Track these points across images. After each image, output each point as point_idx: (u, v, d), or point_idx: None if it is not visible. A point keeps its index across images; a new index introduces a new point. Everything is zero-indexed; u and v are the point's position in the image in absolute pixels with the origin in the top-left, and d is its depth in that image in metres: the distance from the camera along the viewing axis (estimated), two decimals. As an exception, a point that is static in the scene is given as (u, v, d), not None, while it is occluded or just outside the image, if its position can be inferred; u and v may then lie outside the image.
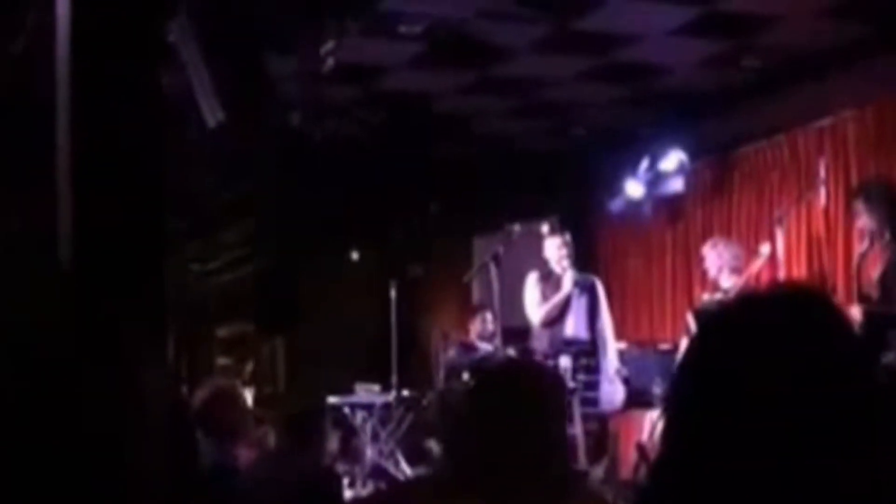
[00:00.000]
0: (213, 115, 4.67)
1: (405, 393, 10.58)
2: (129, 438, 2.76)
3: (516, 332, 9.43)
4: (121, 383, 2.79)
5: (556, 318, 8.88)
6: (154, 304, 3.13)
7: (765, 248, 8.22)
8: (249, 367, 12.33)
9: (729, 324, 1.48)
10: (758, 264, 8.31)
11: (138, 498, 2.78)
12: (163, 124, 3.54)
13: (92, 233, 3.11)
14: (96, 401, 2.69)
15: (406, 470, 10.00)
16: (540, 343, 8.95)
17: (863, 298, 6.79)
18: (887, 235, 6.89)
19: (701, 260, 8.86)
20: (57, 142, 3.16)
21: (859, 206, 7.11)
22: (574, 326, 8.84)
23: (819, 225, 9.08)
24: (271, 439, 6.87)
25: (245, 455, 5.77)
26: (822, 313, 1.44)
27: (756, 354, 1.40)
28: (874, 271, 6.88)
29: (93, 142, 3.27)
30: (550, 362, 8.45)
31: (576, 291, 8.87)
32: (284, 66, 7.42)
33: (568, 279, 8.87)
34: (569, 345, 8.74)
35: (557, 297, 8.86)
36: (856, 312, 6.68)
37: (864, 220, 7.05)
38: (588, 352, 8.73)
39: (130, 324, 2.92)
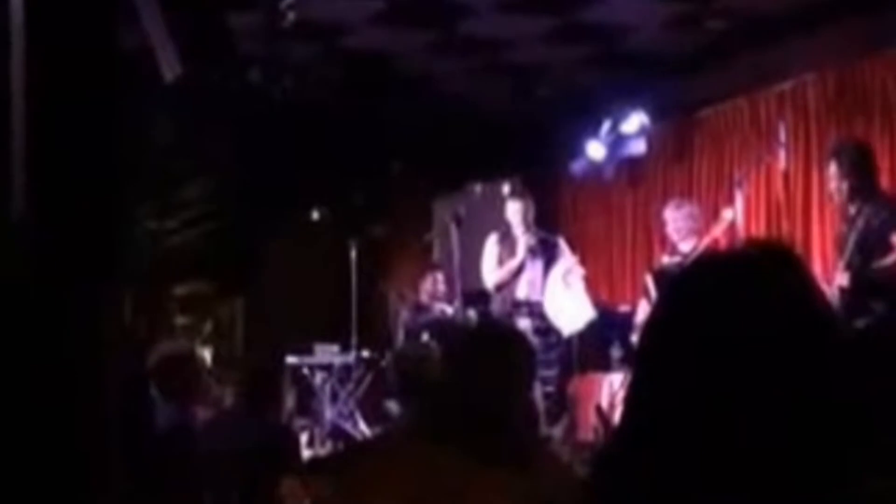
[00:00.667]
0: (170, 70, 4.59)
1: (364, 353, 10.57)
2: (83, 396, 2.72)
3: (477, 293, 9.42)
4: (75, 340, 2.75)
5: (508, 282, 8.88)
6: (109, 260, 3.09)
7: (728, 213, 8.20)
8: (208, 326, 12.27)
9: (693, 282, 1.47)
10: (720, 228, 8.30)
11: (94, 457, 2.75)
12: (120, 78, 3.48)
13: (47, 188, 3.06)
14: (49, 357, 2.65)
15: (365, 430, 10.01)
16: (495, 305, 8.96)
17: (848, 265, 6.76)
18: (860, 200, 6.82)
19: (662, 222, 8.87)
20: (10, 96, 3.10)
21: (834, 168, 7.00)
22: (527, 289, 8.82)
23: (778, 188, 9.11)
24: (229, 399, 6.84)
25: (202, 414, 5.75)
26: (787, 270, 1.43)
27: (720, 312, 1.39)
28: (850, 238, 6.81)
29: (49, 96, 3.21)
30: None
31: (529, 256, 8.84)
32: (245, 21, 7.33)
33: (521, 245, 8.84)
34: (519, 307, 8.73)
35: (510, 264, 8.85)
36: (843, 279, 6.68)
37: (838, 184, 6.94)
38: (541, 314, 8.71)
39: (85, 280, 2.87)
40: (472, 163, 11.14)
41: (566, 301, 8.70)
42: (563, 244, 9.07)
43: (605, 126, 10.14)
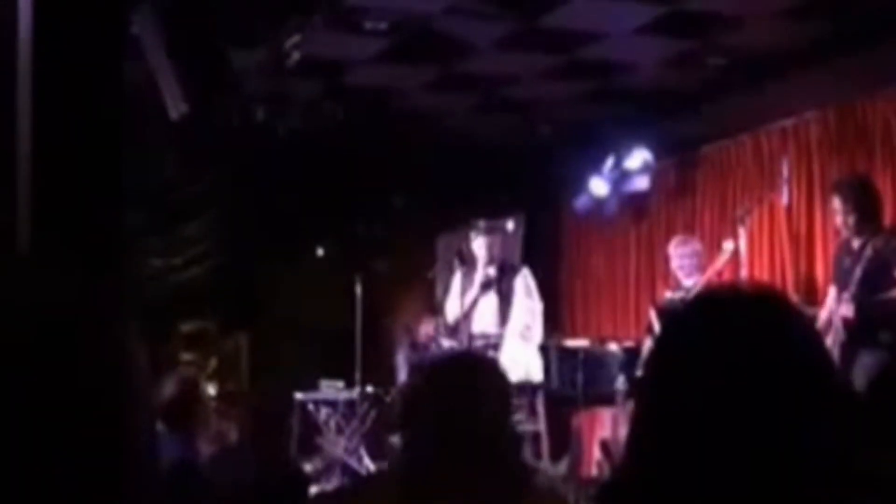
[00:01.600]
0: (176, 107, 4.64)
1: (369, 389, 10.55)
2: (81, 430, 2.74)
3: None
4: (77, 375, 2.77)
5: (464, 316, 8.85)
6: (112, 296, 3.11)
7: (728, 245, 8.24)
8: (213, 362, 12.27)
9: (689, 324, 1.49)
10: (721, 261, 8.33)
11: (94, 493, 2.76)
12: (125, 116, 3.51)
13: (50, 224, 3.09)
14: (49, 397, 2.67)
15: (370, 466, 9.98)
16: (457, 339, 8.93)
17: (854, 297, 6.83)
18: (868, 233, 6.92)
19: (665, 258, 8.89)
20: (17, 131, 3.14)
21: (838, 203, 7.11)
22: (480, 322, 8.79)
23: (781, 224, 9.14)
24: (234, 435, 6.85)
25: (206, 450, 5.75)
26: (782, 314, 1.46)
27: (715, 354, 1.41)
28: (857, 270, 6.90)
29: (54, 132, 3.24)
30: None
31: (483, 290, 8.80)
32: (249, 59, 7.40)
33: (477, 279, 8.81)
34: (475, 340, 8.71)
35: (466, 298, 8.82)
36: (848, 310, 6.74)
37: (842, 218, 7.05)
38: (496, 346, 8.66)
39: (87, 316, 2.89)
40: (475, 199, 11.17)
41: (521, 355, 8.61)
42: (525, 274, 8.94)
43: (609, 162, 10.17)
